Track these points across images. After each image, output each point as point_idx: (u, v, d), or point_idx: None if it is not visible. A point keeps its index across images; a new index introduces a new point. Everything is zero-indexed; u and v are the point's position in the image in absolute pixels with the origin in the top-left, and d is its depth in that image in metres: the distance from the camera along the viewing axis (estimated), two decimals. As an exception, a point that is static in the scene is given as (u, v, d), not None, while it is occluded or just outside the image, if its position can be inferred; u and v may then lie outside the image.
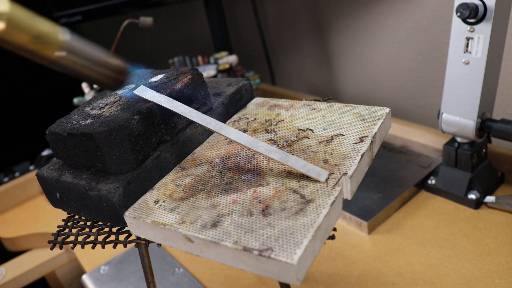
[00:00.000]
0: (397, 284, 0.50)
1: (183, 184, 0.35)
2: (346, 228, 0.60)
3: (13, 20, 0.26)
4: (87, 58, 0.30)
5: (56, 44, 0.28)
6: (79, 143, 0.35)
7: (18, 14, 0.26)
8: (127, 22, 0.79)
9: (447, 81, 0.58)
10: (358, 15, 0.91)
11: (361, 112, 0.40)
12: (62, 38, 0.28)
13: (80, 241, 0.37)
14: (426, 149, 0.72)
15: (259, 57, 1.21)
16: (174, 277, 0.58)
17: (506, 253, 0.51)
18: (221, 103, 0.43)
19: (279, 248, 0.26)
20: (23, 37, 0.26)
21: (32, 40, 0.27)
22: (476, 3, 0.51)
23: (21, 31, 0.26)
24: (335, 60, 1.02)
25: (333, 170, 0.33)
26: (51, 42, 0.28)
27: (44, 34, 0.27)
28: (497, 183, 0.62)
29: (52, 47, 0.28)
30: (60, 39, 0.28)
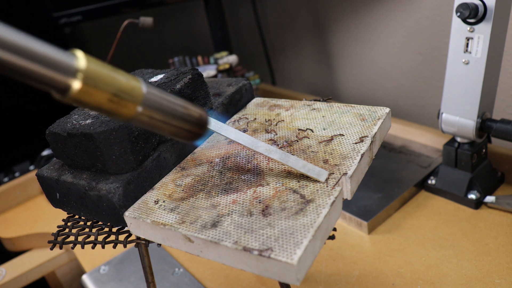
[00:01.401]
0: (397, 284, 0.50)
1: (183, 184, 0.35)
2: (346, 228, 0.60)
3: (90, 78, 0.22)
4: (167, 112, 0.27)
5: (136, 100, 0.25)
6: (79, 143, 0.35)
7: (96, 70, 0.23)
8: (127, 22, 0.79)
9: (447, 81, 0.58)
10: (358, 15, 0.91)
11: (361, 112, 0.40)
12: (142, 92, 0.25)
13: (80, 241, 0.37)
14: (426, 149, 0.72)
15: (259, 57, 1.21)
16: (174, 277, 0.58)
17: (506, 253, 0.51)
18: (221, 103, 0.43)
19: (279, 248, 0.26)
20: (101, 96, 0.23)
21: (110, 98, 0.23)
22: (476, 3, 0.51)
23: (99, 89, 0.23)
24: (335, 60, 1.02)
25: (333, 170, 0.33)
26: (131, 99, 0.24)
27: (123, 91, 0.24)
28: (497, 183, 0.62)
29: (132, 105, 0.24)
30: (140, 95, 0.25)
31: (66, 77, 0.21)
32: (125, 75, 0.24)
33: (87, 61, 0.22)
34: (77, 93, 0.22)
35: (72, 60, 0.22)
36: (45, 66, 0.21)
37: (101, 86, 0.23)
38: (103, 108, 0.24)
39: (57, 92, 0.22)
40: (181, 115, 0.27)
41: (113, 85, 0.23)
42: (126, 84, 0.24)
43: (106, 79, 0.23)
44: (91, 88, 0.22)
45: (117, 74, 0.24)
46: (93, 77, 0.22)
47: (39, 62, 0.20)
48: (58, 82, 0.21)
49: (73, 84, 0.22)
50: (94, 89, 0.22)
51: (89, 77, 0.22)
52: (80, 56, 0.22)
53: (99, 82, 0.23)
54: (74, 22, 0.95)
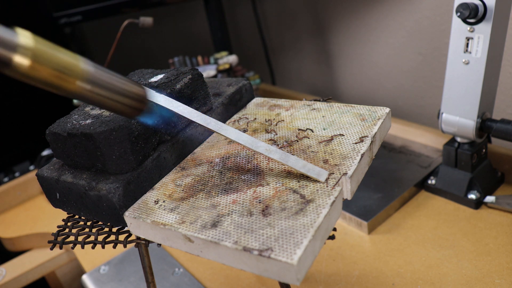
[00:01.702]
0: (397, 284, 0.50)
1: (183, 184, 0.35)
2: (346, 228, 0.60)
3: (37, 55, 0.24)
4: (108, 88, 0.29)
5: (78, 75, 0.27)
6: (79, 143, 0.35)
7: (42, 48, 0.25)
8: (127, 22, 0.79)
9: (447, 81, 0.58)
10: (358, 15, 0.91)
11: (361, 112, 0.40)
12: (84, 69, 0.27)
13: (80, 241, 0.37)
14: (426, 149, 0.72)
15: (259, 57, 1.21)
16: (174, 277, 0.58)
17: (506, 253, 0.51)
18: (221, 103, 0.43)
19: (279, 248, 0.26)
20: (46, 71, 0.25)
21: (54, 74, 0.25)
22: (476, 3, 0.51)
23: (44, 65, 0.25)
24: (335, 60, 1.02)
25: (333, 170, 0.33)
26: (74, 74, 0.26)
27: (66, 66, 0.26)
28: (497, 183, 0.62)
29: (74, 79, 0.26)
30: (82, 69, 0.27)
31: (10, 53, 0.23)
32: (68, 52, 0.27)
33: (35, 39, 0.25)
34: (24, 68, 0.24)
35: (17, 37, 0.24)
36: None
37: (45, 62, 0.25)
38: (47, 82, 0.26)
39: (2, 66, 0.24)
40: (121, 90, 0.29)
41: (57, 61, 0.26)
42: (68, 60, 0.26)
43: (49, 56, 0.25)
44: (37, 65, 0.25)
45: (61, 51, 0.26)
46: (39, 54, 0.25)
47: None
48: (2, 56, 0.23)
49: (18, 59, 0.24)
50: (40, 66, 0.25)
51: (36, 54, 0.24)
52: (26, 34, 0.24)
53: (44, 58, 0.25)
54: (74, 22, 0.95)
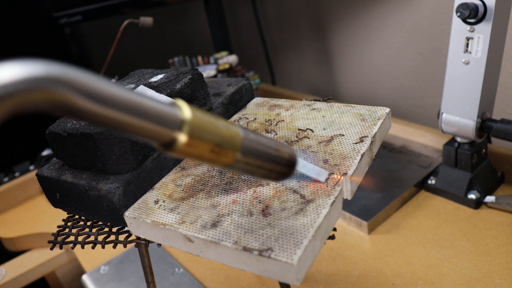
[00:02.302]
0: (397, 284, 0.50)
1: (183, 184, 0.35)
2: (346, 228, 0.60)
3: (195, 131, 0.21)
4: (262, 156, 0.26)
5: (236, 148, 0.24)
6: (79, 143, 0.35)
7: (201, 121, 0.21)
8: (127, 22, 0.79)
9: (447, 81, 0.58)
10: (358, 15, 0.91)
11: (361, 112, 0.40)
12: (241, 139, 0.24)
13: (80, 241, 0.37)
14: (426, 149, 0.72)
15: (259, 57, 1.21)
16: (174, 277, 0.58)
17: (506, 253, 0.51)
18: (221, 103, 0.43)
19: (279, 248, 0.26)
20: (204, 147, 0.22)
21: (212, 149, 0.22)
22: (476, 3, 0.51)
23: (204, 141, 0.22)
24: (335, 60, 1.02)
25: (333, 170, 0.33)
26: (231, 147, 0.23)
27: (225, 140, 0.23)
28: (497, 183, 0.62)
29: (231, 153, 0.23)
30: (240, 141, 0.24)
31: (173, 131, 0.20)
32: (225, 123, 0.24)
33: (192, 112, 0.21)
34: (183, 146, 0.21)
35: (177, 112, 0.21)
36: (153, 122, 0.20)
37: (206, 137, 0.22)
38: (204, 158, 0.22)
39: (162, 146, 0.21)
40: (274, 158, 0.27)
41: (216, 135, 0.22)
42: (227, 133, 0.23)
43: (210, 130, 0.22)
44: (196, 140, 0.21)
45: (219, 123, 0.23)
46: (197, 129, 0.21)
47: (147, 119, 0.20)
48: (165, 136, 0.20)
49: (179, 137, 0.21)
50: (199, 141, 0.21)
51: (194, 129, 0.21)
52: (185, 107, 0.21)
53: (203, 133, 0.21)
54: (74, 22, 0.95)
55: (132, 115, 0.19)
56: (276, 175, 0.28)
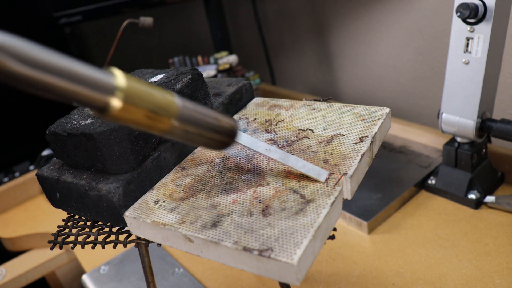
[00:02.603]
0: (397, 284, 0.50)
1: (183, 184, 0.35)
2: (346, 228, 0.60)
3: (129, 96, 0.22)
4: (200, 124, 0.27)
5: (172, 114, 0.25)
6: (79, 143, 0.35)
7: (135, 88, 0.23)
8: (127, 22, 0.79)
9: (447, 81, 0.58)
10: (358, 15, 0.91)
11: (361, 112, 0.40)
12: (177, 107, 0.25)
13: (80, 241, 0.37)
14: (426, 149, 0.72)
15: (259, 57, 1.21)
16: (174, 277, 0.58)
17: (506, 253, 0.51)
18: (221, 103, 0.43)
19: (279, 248, 0.26)
20: (139, 112, 0.23)
21: (147, 114, 0.23)
22: (476, 3, 0.51)
23: (137, 107, 0.23)
24: (335, 60, 1.02)
25: (333, 170, 0.33)
26: (167, 112, 0.24)
27: (160, 107, 0.24)
28: (497, 183, 0.62)
29: (168, 118, 0.24)
30: (176, 110, 0.25)
31: (106, 96, 0.21)
32: (161, 91, 0.24)
33: (127, 79, 0.22)
34: (117, 111, 0.22)
35: (111, 79, 0.22)
36: (86, 87, 0.21)
37: (139, 103, 0.23)
38: (140, 124, 0.23)
39: (97, 111, 0.22)
40: (214, 127, 0.28)
41: (151, 102, 0.23)
42: (162, 100, 0.24)
43: (144, 96, 0.23)
44: (130, 106, 0.22)
45: (154, 91, 0.24)
46: (131, 95, 0.22)
47: (81, 83, 0.20)
48: (98, 101, 0.21)
49: (112, 102, 0.22)
50: (133, 107, 0.22)
51: (128, 95, 0.22)
52: (119, 74, 0.22)
53: (137, 100, 0.23)
54: (74, 22, 0.95)
55: (65, 79, 0.20)
56: (217, 144, 0.29)
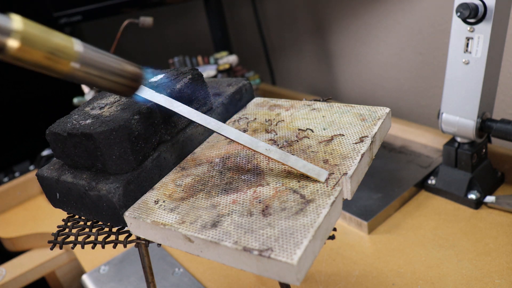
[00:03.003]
0: (397, 284, 0.50)
1: (183, 184, 0.35)
2: (346, 228, 0.60)
3: (27, 38, 0.24)
4: (102, 68, 0.28)
5: (71, 57, 0.26)
6: (79, 143, 0.35)
7: (32, 30, 0.24)
8: (127, 22, 0.79)
9: (447, 81, 0.58)
10: (358, 15, 0.91)
11: (361, 112, 0.40)
12: (76, 50, 0.27)
13: (80, 241, 0.37)
14: (426, 149, 0.72)
15: (259, 57, 1.21)
16: (174, 277, 0.58)
17: (506, 253, 0.51)
18: (221, 103, 0.43)
19: (279, 248, 0.26)
20: (37, 53, 0.25)
21: (46, 55, 0.25)
22: (476, 3, 0.51)
23: (35, 48, 0.25)
24: (335, 60, 1.02)
25: (333, 170, 0.33)
26: (66, 55, 0.26)
27: (58, 48, 0.26)
28: (497, 183, 0.62)
29: (67, 61, 0.26)
30: (75, 51, 0.27)
31: (2, 37, 0.23)
32: (61, 35, 0.26)
33: (24, 22, 0.24)
34: (15, 51, 0.24)
35: (8, 22, 0.24)
36: None
37: (36, 45, 0.25)
38: (41, 65, 0.25)
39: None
40: (116, 70, 0.29)
41: (48, 44, 0.25)
42: (61, 43, 0.26)
43: (42, 38, 0.25)
44: (28, 47, 0.24)
45: (53, 33, 0.26)
46: (28, 37, 0.24)
47: None
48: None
49: (9, 43, 0.23)
50: (31, 48, 0.24)
51: (26, 36, 0.24)
52: (17, 18, 0.24)
53: (34, 42, 0.24)
54: (74, 22, 0.95)
55: None
56: (124, 88, 0.30)
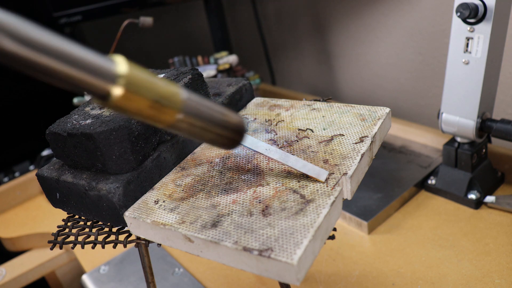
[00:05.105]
0: (397, 284, 0.50)
1: (183, 184, 0.35)
2: (346, 228, 0.60)
3: (132, 84, 0.22)
4: (207, 119, 0.26)
5: (176, 107, 0.24)
6: (79, 143, 0.35)
7: (137, 76, 0.22)
8: (127, 22, 0.79)
9: (447, 81, 0.58)
10: (358, 15, 0.91)
11: (361, 112, 0.40)
12: (182, 99, 0.24)
13: (80, 241, 0.37)
14: (426, 149, 0.72)
15: (259, 57, 1.21)
16: (174, 277, 0.58)
17: (506, 253, 0.51)
18: (221, 103, 0.43)
19: (279, 248, 0.26)
20: (142, 102, 0.22)
21: (151, 105, 0.23)
22: (476, 3, 0.51)
23: (140, 95, 0.22)
24: (335, 60, 1.02)
25: (333, 170, 0.33)
26: (171, 105, 0.24)
27: (164, 97, 0.23)
28: (497, 183, 0.62)
29: (172, 111, 0.24)
30: (181, 101, 0.24)
31: (107, 83, 0.21)
32: (165, 82, 0.24)
33: (129, 66, 0.22)
34: (118, 99, 0.21)
35: (113, 66, 0.21)
36: (86, 72, 0.20)
37: (142, 92, 0.22)
38: (143, 114, 0.23)
39: (98, 98, 0.22)
40: (220, 122, 0.27)
41: (154, 91, 0.23)
42: (166, 90, 0.24)
43: (147, 85, 0.22)
44: (132, 94, 0.22)
45: (157, 80, 0.23)
46: (134, 83, 0.22)
47: (79, 67, 0.20)
48: (99, 88, 0.21)
49: (114, 90, 0.21)
50: (135, 95, 0.22)
51: (130, 83, 0.22)
52: (121, 61, 0.22)
53: (140, 88, 0.22)
54: (74, 22, 0.95)
55: (63, 62, 0.19)
56: (225, 140, 0.28)
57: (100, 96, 0.21)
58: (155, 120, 0.24)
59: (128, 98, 0.22)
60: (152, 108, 0.23)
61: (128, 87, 0.21)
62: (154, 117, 0.23)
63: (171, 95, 0.24)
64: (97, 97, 0.21)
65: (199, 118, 0.25)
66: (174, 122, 0.24)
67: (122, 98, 0.21)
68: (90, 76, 0.20)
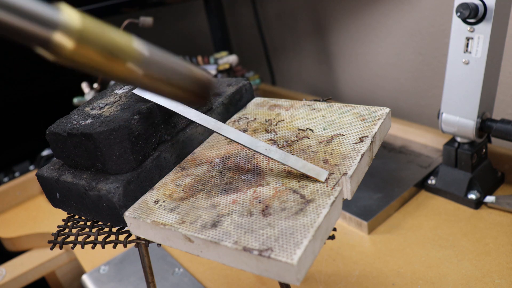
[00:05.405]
0: (397, 284, 0.50)
1: (183, 184, 0.35)
2: (346, 228, 0.60)
3: (84, 37, 0.20)
4: (167, 72, 0.24)
5: (132, 58, 0.23)
6: (79, 143, 0.35)
7: (90, 28, 0.21)
8: (127, 22, 0.79)
9: (447, 81, 0.58)
10: (358, 15, 0.91)
11: (361, 112, 0.40)
12: (138, 50, 0.23)
13: (80, 241, 0.37)
14: (426, 149, 0.72)
15: (259, 57, 1.21)
16: (174, 277, 0.58)
17: (506, 253, 0.51)
18: (221, 103, 0.43)
19: (279, 248, 0.26)
20: (94, 55, 0.21)
21: (104, 57, 0.21)
22: (476, 3, 0.51)
23: (93, 48, 0.21)
24: (335, 60, 1.02)
25: (333, 170, 0.33)
26: (126, 56, 0.22)
27: (118, 48, 0.22)
28: (497, 183, 0.62)
29: (127, 63, 0.23)
30: (136, 52, 0.23)
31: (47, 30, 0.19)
32: (121, 33, 0.23)
33: (83, 19, 0.20)
34: (70, 52, 0.20)
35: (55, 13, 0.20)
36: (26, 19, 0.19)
37: (95, 44, 0.21)
38: (98, 67, 0.22)
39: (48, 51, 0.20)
40: (182, 74, 0.25)
41: (108, 43, 0.22)
42: (122, 40, 0.22)
43: (100, 36, 0.21)
44: (84, 48, 0.21)
45: (112, 31, 0.22)
46: (87, 36, 0.20)
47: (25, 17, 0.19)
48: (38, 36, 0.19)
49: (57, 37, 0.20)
50: (88, 49, 0.21)
51: (83, 36, 0.20)
52: (75, 14, 0.20)
53: (93, 40, 0.21)
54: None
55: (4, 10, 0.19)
56: (191, 96, 0.26)
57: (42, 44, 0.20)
58: (109, 73, 0.22)
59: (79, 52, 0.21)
60: (105, 61, 0.22)
61: (80, 40, 0.20)
62: (107, 70, 0.22)
63: (126, 45, 0.22)
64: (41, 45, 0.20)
65: (158, 70, 0.24)
66: (130, 74, 0.23)
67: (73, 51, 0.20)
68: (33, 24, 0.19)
